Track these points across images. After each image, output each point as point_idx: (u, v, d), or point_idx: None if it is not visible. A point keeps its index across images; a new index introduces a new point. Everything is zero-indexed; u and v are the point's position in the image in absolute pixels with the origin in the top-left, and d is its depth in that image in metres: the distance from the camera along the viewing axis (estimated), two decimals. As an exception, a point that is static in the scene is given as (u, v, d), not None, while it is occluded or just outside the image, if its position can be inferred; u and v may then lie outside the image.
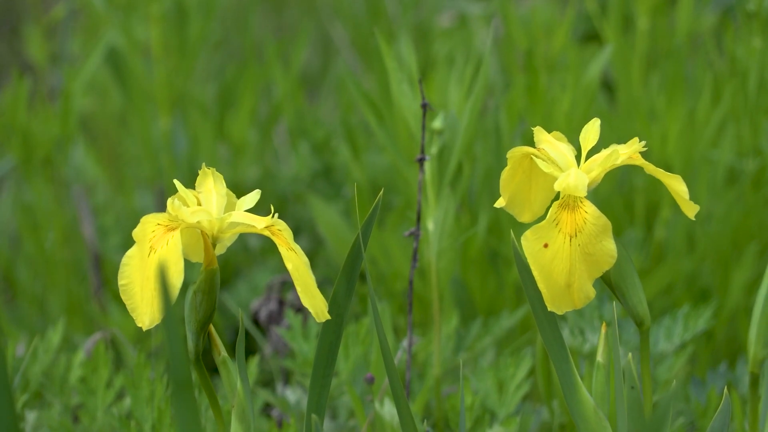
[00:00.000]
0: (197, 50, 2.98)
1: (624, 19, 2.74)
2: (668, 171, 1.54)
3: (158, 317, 1.44)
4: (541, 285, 1.48)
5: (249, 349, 2.61)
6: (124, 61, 2.99)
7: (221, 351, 1.54)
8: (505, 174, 1.56)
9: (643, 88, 2.65)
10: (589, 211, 1.48)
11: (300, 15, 4.52)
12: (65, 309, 2.80)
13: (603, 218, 1.48)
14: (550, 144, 1.54)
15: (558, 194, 1.50)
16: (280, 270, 2.78)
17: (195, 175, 1.54)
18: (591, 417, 1.53)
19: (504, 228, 2.49)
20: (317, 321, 1.49)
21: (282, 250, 1.48)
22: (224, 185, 1.53)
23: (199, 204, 1.52)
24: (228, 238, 1.52)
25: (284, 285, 2.40)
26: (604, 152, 1.52)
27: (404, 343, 2.08)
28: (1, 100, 2.83)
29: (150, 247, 1.45)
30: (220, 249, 1.52)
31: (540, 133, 1.55)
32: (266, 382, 2.49)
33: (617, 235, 1.77)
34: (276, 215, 1.51)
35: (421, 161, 1.97)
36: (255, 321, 2.43)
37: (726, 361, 2.27)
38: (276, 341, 2.36)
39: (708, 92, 2.49)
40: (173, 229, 1.46)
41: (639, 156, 1.54)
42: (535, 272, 1.48)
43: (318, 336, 1.74)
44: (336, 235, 2.61)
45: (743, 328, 2.40)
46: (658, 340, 2.08)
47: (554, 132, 1.55)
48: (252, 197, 1.53)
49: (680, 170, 2.47)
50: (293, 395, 2.13)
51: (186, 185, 1.52)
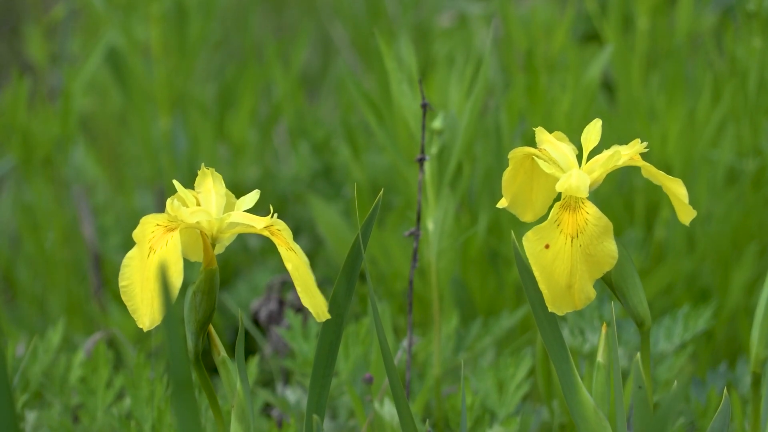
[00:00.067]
0: (197, 50, 2.98)
1: (624, 19, 2.73)
2: (668, 171, 1.54)
3: (158, 318, 1.44)
4: (542, 285, 1.48)
5: (249, 349, 2.60)
6: (124, 61, 2.99)
7: (221, 351, 1.54)
8: (507, 174, 1.56)
9: (643, 88, 2.65)
10: (591, 212, 1.47)
11: (300, 15, 4.51)
12: (65, 309, 2.80)
13: (604, 219, 1.47)
14: (552, 144, 1.54)
15: (559, 195, 1.50)
16: (280, 270, 2.78)
17: (195, 175, 1.54)
18: (591, 417, 1.53)
19: (504, 228, 2.49)
20: (317, 321, 1.49)
21: (282, 250, 1.48)
22: (223, 185, 1.53)
23: (199, 204, 1.52)
24: (227, 238, 1.52)
25: (284, 285, 2.40)
26: (606, 153, 1.52)
27: (404, 343, 2.08)
28: (1, 100, 2.83)
29: (149, 248, 1.45)
30: (219, 249, 1.52)
31: (541, 134, 1.55)
32: (266, 382, 2.49)
33: (617, 235, 1.77)
34: (275, 215, 1.50)
35: (421, 161, 1.97)
36: (255, 321, 2.43)
37: (726, 361, 2.26)
38: (276, 341, 2.36)
39: (708, 92, 2.49)
40: (172, 230, 1.46)
41: (640, 157, 1.54)
42: (536, 273, 1.48)
43: (318, 336, 1.74)
44: (336, 235, 2.61)
45: (743, 328, 2.40)
46: (658, 340, 2.08)
47: (555, 132, 1.55)
48: (251, 197, 1.53)
49: (680, 170, 2.46)
50: (293, 395, 2.13)
51: (186, 185, 1.52)
